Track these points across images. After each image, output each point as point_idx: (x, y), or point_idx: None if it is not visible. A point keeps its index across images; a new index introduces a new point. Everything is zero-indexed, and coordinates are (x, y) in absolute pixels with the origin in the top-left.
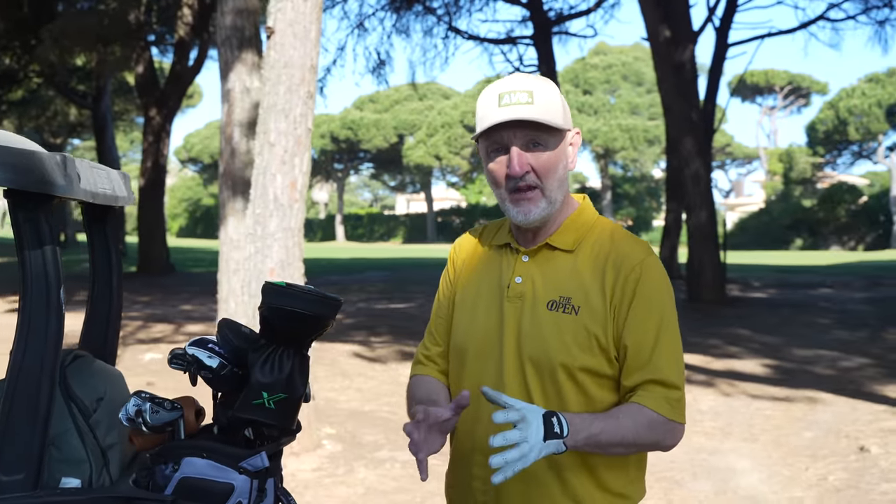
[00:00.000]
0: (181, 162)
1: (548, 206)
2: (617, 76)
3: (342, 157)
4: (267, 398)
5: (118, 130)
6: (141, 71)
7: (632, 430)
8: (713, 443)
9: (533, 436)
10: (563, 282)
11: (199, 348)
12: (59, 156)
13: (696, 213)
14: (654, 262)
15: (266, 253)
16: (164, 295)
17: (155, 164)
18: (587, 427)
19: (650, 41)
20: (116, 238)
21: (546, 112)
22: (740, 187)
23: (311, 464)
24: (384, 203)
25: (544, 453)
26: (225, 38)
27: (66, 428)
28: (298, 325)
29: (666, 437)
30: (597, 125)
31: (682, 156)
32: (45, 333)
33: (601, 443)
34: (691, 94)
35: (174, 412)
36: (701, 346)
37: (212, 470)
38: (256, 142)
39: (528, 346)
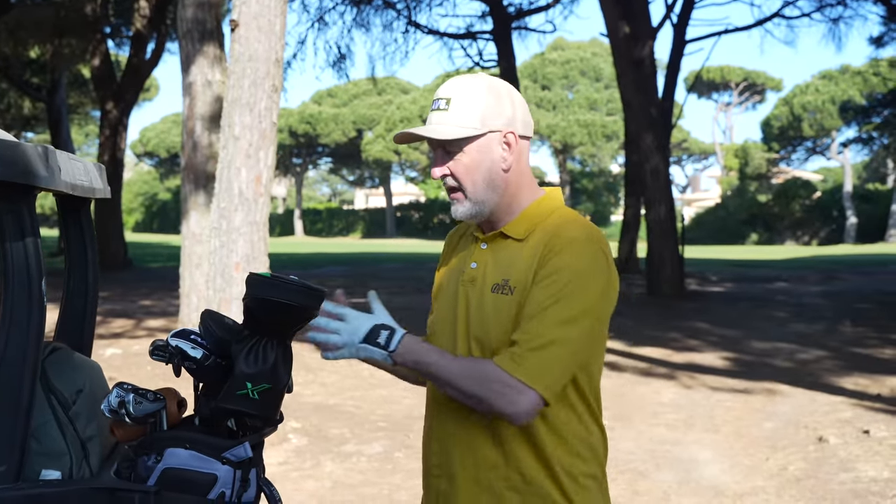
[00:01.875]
0: (137, 156)
1: (472, 206)
2: (575, 72)
3: (300, 152)
4: (251, 389)
5: (73, 124)
6: (97, 64)
7: (458, 374)
8: (676, 434)
9: (348, 333)
10: (507, 266)
11: (183, 339)
12: (41, 147)
13: (656, 208)
14: (583, 243)
15: (231, 247)
16: (122, 290)
17: (112, 158)
18: (423, 355)
19: (609, 37)
20: (93, 231)
21: (454, 120)
22: (696, 183)
23: (277, 458)
24: (343, 198)
25: (362, 355)
26: (186, 30)
27: (46, 420)
28: (283, 316)
29: (496, 399)
30: (555, 120)
31: (641, 151)
32: (27, 326)
33: (431, 374)
34: (650, 90)
35: (157, 403)
36: (661, 340)
37: (195, 461)
38: (221, 136)
39: (474, 326)
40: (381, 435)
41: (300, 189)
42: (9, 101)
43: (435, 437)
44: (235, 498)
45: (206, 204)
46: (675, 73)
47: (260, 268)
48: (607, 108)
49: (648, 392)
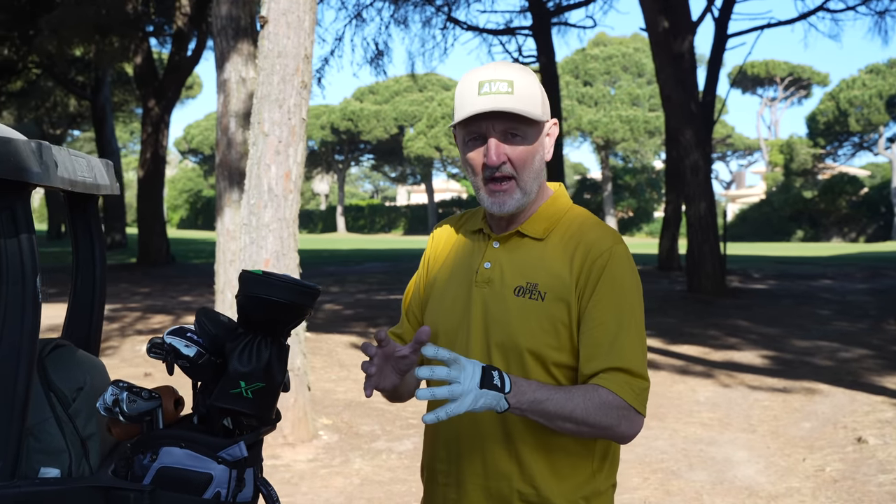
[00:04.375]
0: (181, 153)
1: (522, 196)
2: (617, 67)
3: (343, 149)
4: (244, 387)
5: (118, 121)
6: (139, 62)
7: (581, 407)
8: (711, 434)
9: (467, 379)
10: (531, 268)
11: (177, 337)
12: (34, 143)
13: (696, 205)
14: (623, 251)
15: (261, 244)
16: (163, 286)
17: (154, 155)
18: (533, 391)
19: (648, 32)
20: (100, 227)
21: (525, 103)
22: (741, 178)
23: (307, 454)
24: (385, 194)
25: (482, 403)
26: (221, 27)
27: (45, 418)
28: (275, 314)
29: (621, 423)
30: (597, 116)
31: (681, 147)
32: (22, 323)
33: (547, 412)
34: (690, 85)
35: (151, 401)
36: (700, 337)
37: (190, 460)
38: (251, 132)
39: (495, 331)
40: (413, 433)
41: (342, 186)
42: (55, 100)
43: (442, 443)
44: (231, 497)
45: (239, 200)
46: (717, 68)
47: (290, 264)
48: (650, 103)
49: (685, 390)
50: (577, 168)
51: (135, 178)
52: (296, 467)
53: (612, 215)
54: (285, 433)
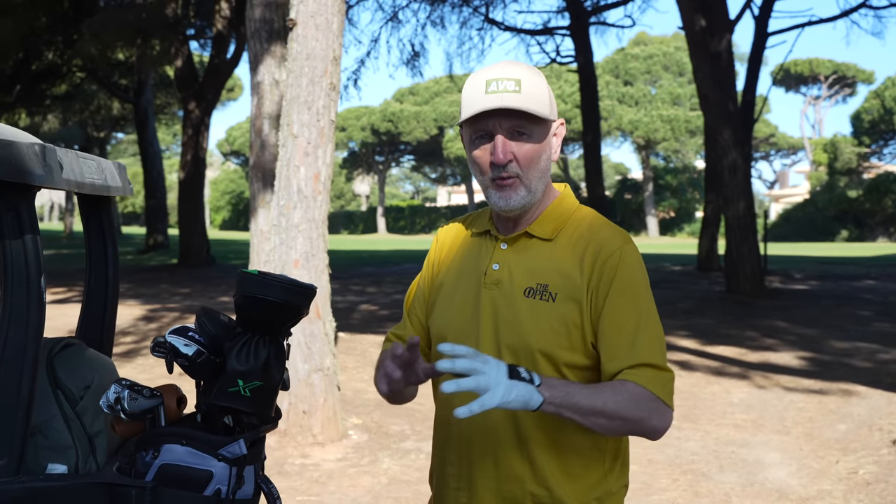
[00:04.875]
0: (224, 155)
1: (528, 195)
2: (658, 66)
3: (383, 150)
4: (242, 386)
5: (161, 124)
6: (179, 65)
7: (612, 400)
8: (743, 435)
9: (492, 371)
10: (541, 269)
11: (178, 336)
12: (37, 145)
13: (734, 205)
14: (633, 250)
15: (290, 244)
16: (203, 287)
17: (195, 157)
18: (564, 385)
19: (685, 31)
20: (113, 228)
21: (533, 101)
22: (785, 178)
23: (336, 454)
24: (426, 195)
25: (515, 394)
26: (254, 30)
27: (53, 415)
28: (272, 314)
29: (652, 416)
30: (637, 116)
31: (718, 146)
32: (27, 321)
33: (581, 406)
34: (728, 84)
35: (153, 399)
36: (737, 339)
37: (191, 457)
38: (280, 134)
39: (506, 333)
40: None
41: (383, 187)
42: (98, 103)
43: (453, 447)
44: (231, 494)
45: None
46: (757, 67)
47: (319, 265)
48: (691, 102)
49: (719, 392)
50: (618, 168)
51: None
52: (325, 466)
53: (654, 216)
54: (315, 432)
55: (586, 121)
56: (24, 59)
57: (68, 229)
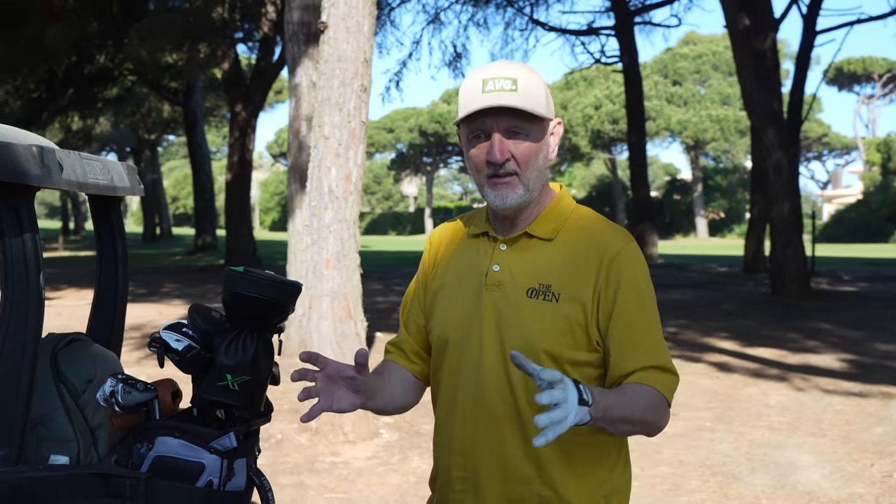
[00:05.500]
0: (273, 157)
1: (525, 193)
2: (707, 66)
3: (431, 151)
4: (231, 380)
5: (210, 126)
6: (226, 68)
7: (639, 407)
8: (778, 437)
9: (571, 397)
10: (542, 269)
11: (171, 332)
12: (35, 147)
13: (779, 206)
14: (635, 249)
15: (322, 244)
16: None
17: (241, 159)
18: (603, 399)
19: (728, 29)
20: (122, 227)
21: (529, 100)
22: (838, 178)
23: (366, 452)
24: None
25: (577, 419)
26: (292, 33)
27: (55, 408)
28: (257, 310)
29: (662, 419)
30: (686, 116)
31: (763, 146)
32: (26, 317)
33: (613, 417)
34: (772, 83)
35: (147, 393)
36: (778, 340)
37: (184, 449)
38: (312, 135)
39: (509, 334)
40: None
41: (431, 188)
42: (149, 106)
43: (457, 449)
44: (222, 486)
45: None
46: (805, 65)
47: (350, 265)
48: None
49: (756, 393)
50: (668, 169)
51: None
52: (354, 464)
53: (703, 216)
54: (346, 431)
55: (631, 121)
56: (76, 63)
57: None
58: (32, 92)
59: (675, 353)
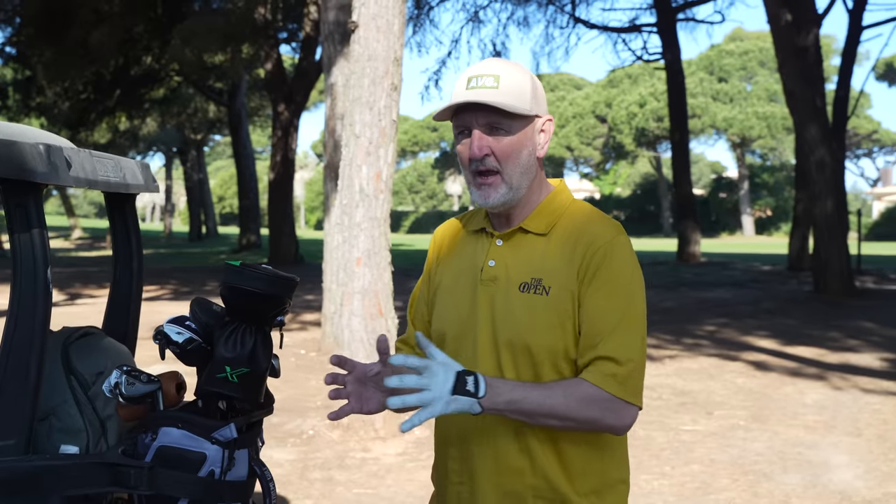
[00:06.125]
0: (318, 156)
1: (508, 191)
2: (754, 62)
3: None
4: (230, 372)
5: (255, 126)
6: (269, 68)
7: (562, 403)
8: (813, 437)
9: (437, 386)
10: (535, 264)
11: (173, 325)
12: (42, 145)
13: (822, 203)
14: (623, 242)
15: (353, 242)
16: None
17: (284, 158)
18: (509, 392)
19: (770, 25)
20: (137, 224)
21: (509, 97)
22: (888, 175)
23: (396, 448)
24: None
25: (453, 407)
26: (328, 32)
27: (65, 399)
28: (253, 303)
29: (606, 416)
30: (732, 113)
31: (805, 143)
32: (34, 310)
33: (525, 410)
34: (815, 79)
35: (150, 385)
36: (818, 339)
37: (186, 440)
38: (343, 134)
39: (502, 328)
40: None
41: None
42: (195, 106)
43: (453, 442)
44: (223, 476)
45: None
46: (851, 61)
47: (381, 262)
48: None
49: (792, 392)
50: (714, 167)
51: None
52: (384, 460)
53: (749, 214)
54: (377, 427)
55: (674, 118)
56: (123, 65)
57: (168, 230)
58: (80, 93)
59: (713, 352)
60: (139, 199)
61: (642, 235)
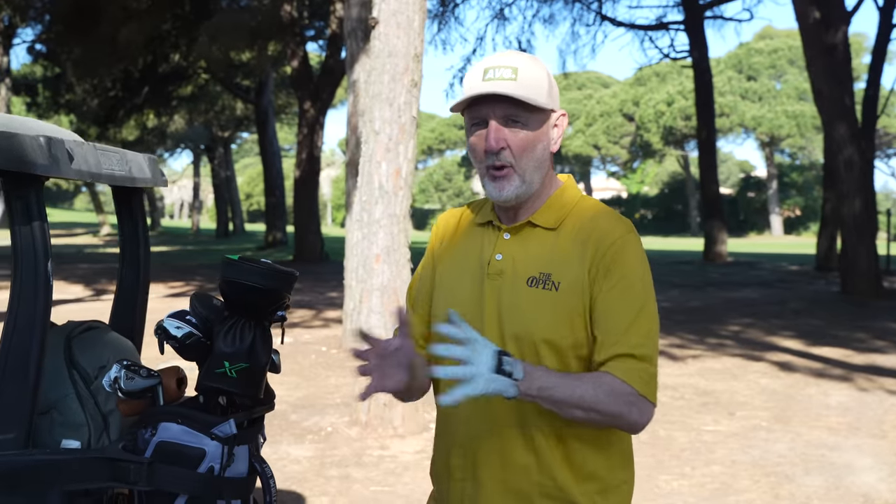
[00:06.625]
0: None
1: (521, 184)
2: (783, 61)
3: None
4: (228, 367)
5: (283, 123)
6: (296, 65)
7: (591, 393)
8: (836, 438)
9: (481, 362)
10: (544, 258)
11: (174, 319)
12: (42, 137)
13: (850, 202)
14: (634, 239)
15: (372, 239)
16: (313, 282)
17: (309, 155)
18: (542, 377)
19: (798, 23)
20: (144, 218)
21: (528, 89)
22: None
23: (414, 446)
24: None
25: (492, 388)
26: (351, 29)
27: (67, 393)
28: (252, 298)
29: (632, 411)
30: (761, 112)
31: (833, 142)
32: (35, 303)
33: (555, 398)
34: (844, 78)
35: (150, 379)
36: (844, 340)
37: (186, 435)
38: (363, 130)
39: (510, 323)
40: None
41: None
42: (222, 104)
43: (458, 441)
44: (222, 472)
45: None
46: (881, 59)
47: (400, 259)
48: None
49: (816, 393)
50: (743, 166)
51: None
52: (402, 458)
53: (778, 214)
54: (395, 425)
55: (701, 117)
56: (151, 62)
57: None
58: (109, 91)
59: (737, 352)
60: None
61: (669, 234)
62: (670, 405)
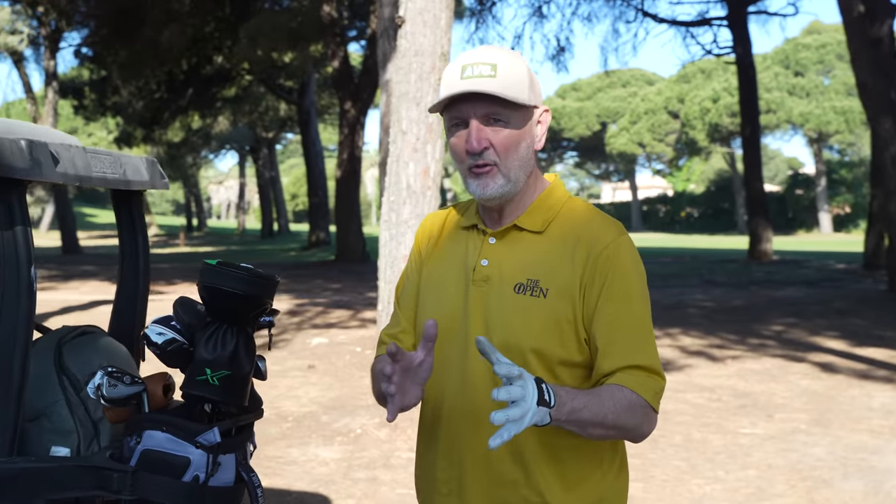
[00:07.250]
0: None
1: (506, 183)
2: (831, 56)
3: (546, 146)
4: (210, 374)
5: (326, 124)
6: (337, 65)
7: (612, 411)
8: (878, 442)
9: (530, 395)
10: (531, 264)
11: (157, 325)
12: (23, 140)
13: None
14: (627, 242)
15: (399, 240)
16: (355, 282)
17: (350, 156)
18: (570, 400)
19: (842, 16)
20: (143, 220)
21: (508, 87)
22: None
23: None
24: (590, 192)
25: (535, 420)
26: (383, 29)
27: (56, 400)
28: (232, 303)
29: (644, 424)
30: (809, 108)
31: (879, 137)
32: (17, 309)
33: (582, 420)
34: (889, 71)
35: (133, 387)
36: (890, 341)
37: (170, 443)
38: (390, 130)
39: (497, 331)
40: None
41: None
42: (266, 105)
43: (442, 453)
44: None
45: None
46: None
47: None
48: None
49: (859, 395)
50: (791, 163)
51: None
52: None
53: (827, 211)
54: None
55: (745, 114)
56: (195, 64)
57: (241, 227)
58: (154, 93)
59: (779, 353)
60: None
61: (716, 233)
62: (706, 407)
